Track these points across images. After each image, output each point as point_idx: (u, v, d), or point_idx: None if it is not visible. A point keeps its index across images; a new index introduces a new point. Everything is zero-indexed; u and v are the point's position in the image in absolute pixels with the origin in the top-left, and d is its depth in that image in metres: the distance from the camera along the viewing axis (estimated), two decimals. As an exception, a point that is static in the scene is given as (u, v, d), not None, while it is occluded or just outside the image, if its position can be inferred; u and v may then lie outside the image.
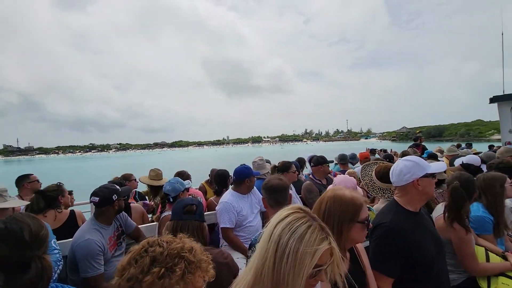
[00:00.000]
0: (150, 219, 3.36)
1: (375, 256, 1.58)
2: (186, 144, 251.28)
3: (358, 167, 4.19)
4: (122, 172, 4.04)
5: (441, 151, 6.39)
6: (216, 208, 2.83)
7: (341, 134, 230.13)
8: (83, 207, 4.12)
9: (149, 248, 0.85)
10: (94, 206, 2.22)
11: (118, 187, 2.28)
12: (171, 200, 2.69)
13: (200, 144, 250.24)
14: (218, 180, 3.56)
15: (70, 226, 2.49)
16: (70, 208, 2.82)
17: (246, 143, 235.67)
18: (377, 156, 7.25)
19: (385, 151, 8.42)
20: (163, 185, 3.58)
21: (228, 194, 2.86)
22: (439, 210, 2.14)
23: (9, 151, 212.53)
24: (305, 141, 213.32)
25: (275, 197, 2.02)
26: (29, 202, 2.39)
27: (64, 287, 1.17)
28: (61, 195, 2.61)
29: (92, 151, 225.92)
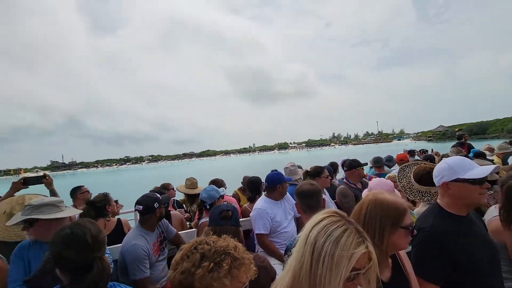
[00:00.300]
0: (188, 225, 3.49)
1: (417, 262, 1.50)
2: (214, 153, 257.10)
3: (395, 170, 4.00)
4: (154, 183, 4.26)
5: (491, 149, 5.76)
6: (250, 214, 2.87)
7: (371, 136, 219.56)
8: (127, 215, 4.41)
9: (198, 246, 0.95)
10: (138, 214, 2.38)
11: (158, 195, 2.43)
12: (208, 207, 2.79)
13: (227, 152, 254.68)
14: (251, 187, 3.62)
15: (118, 233, 2.69)
16: (116, 217, 3.04)
17: (272, 150, 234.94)
18: (416, 157, 6.76)
19: (425, 151, 7.78)
20: (198, 193, 3.72)
21: (261, 201, 2.89)
22: (491, 213, 1.96)
23: (55, 166, 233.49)
24: (332, 145, 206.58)
25: (307, 202, 2.01)
26: (82, 211, 2.62)
27: (121, 286, 1.28)
28: (108, 204, 2.82)
29: (127, 163, 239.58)
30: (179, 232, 2.71)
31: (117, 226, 2.79)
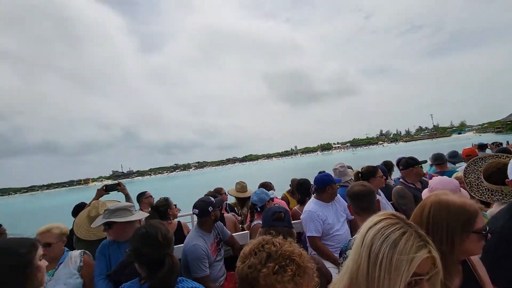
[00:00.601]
0: (240, 228, 3.63)
1: (488, 267, 1.33)
2: (256, 157, 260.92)
3: (461, 167, 3.58)
4: (201, 188, 4.49)
5: None
6: (301, 217, 2.86)
7: (425, 131, 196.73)
8: (183, 218, 4.77)
9: (265, 245, 0.99)
10: (195, 217, 2.57)
11: (213, 199, 2.58)
12: (258, 209, 2.88)
13: (269, 156, 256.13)
14: (300, 189, 3.60)
15: (179, 235, 2.94)
16: (176, 219, 3.33)
17: (315, 151, 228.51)
18: (488, 151, 5.77)
19: (498, 145, 6.56)
20: (248, 197, 3.84)
21: (312, 203, 2.85)
22: None
23: (116, 176, 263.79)
24: (380, 144, 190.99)
25: (359, 204, 1.93)
26: (148, 214, 2.93)
27: (188, 281, 1.42)
28: (169, 208, 3.10)
29: (176, 170, 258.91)
30: (233, 234, 2.85)
31: (178, 228, 3.06)
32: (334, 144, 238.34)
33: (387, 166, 4.26)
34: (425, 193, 2.10)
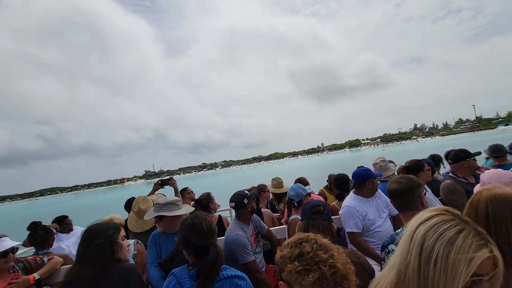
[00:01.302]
0: (278, 223, 3.69)
1: None
2: (281, 155, 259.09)
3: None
4: (229, 185, 4.57)
5: None
6: (339, 212, 2.80)
7: (466, 123, 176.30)
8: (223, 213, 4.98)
9: (303, 242, 1.00)
10: (233, 211, 2.69)
11: (247, 192, 2.67)
12: (296, 204, 2.90)
13: (294, 154, 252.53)
14: (339, 184, 3.53)
15: (219, 227, 3.09)
16: (216, 213, 3.50)
17: (343, 148, 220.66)
18: None
19: None
20: (284, 192, 3.88)
21: (350, 198, 2.79)
22: None
23: (148, 175, 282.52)
24: (414, 139, 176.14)
25: (397, 202, 1.85)
26: (194, 208, 3.14)
27: (231, 269, 1.53)
28: (210, 202, 3.28)
29: (203, 169, 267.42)
30: (270, 228, 2.91)
31: (219, 221, 3.22)
32: (363, 140, 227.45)
33: (434, 160, 3.93)
34: (477, 188, 1.92)
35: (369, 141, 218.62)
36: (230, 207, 2.63)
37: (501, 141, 3.81)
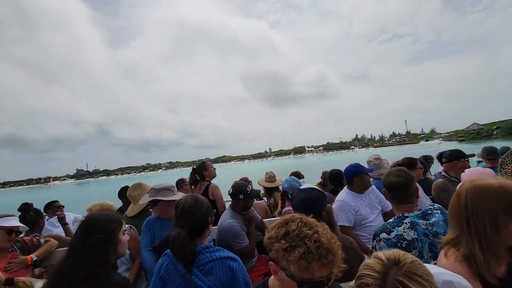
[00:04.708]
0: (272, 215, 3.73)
1: None
2: (229, 159, 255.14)
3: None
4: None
5: None
6: (332, 206, 2.84)
7: (397, 137, 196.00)
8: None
9: (290, 222, 1.04)
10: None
11: (249, 188, 2.59)
12: (289, 196, 2.94)
13: (242, 158, 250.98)
14: (334, 179, 3.61)
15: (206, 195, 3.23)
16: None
17: (288, 154, 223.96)
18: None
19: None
20: (276, 187, 3.93)
21: (344, 193, 2.84)
22: None
23: (81, 174, 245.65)
24: (352, 148, 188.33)
25: (394, 195, 1.85)
26: (185, 194, 3.19)
27: (224, 250, 1.58)
28: (204, 169, 3.54)
29: (146, 170, 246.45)
30: (263, 220, 2.95)
31: (205, 189, 3.45)
32: (308, 147, 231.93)
33: (427, 159, 4.04)
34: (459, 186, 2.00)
35: (312, 148, 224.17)
36: (228, 193, 2.65)
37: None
